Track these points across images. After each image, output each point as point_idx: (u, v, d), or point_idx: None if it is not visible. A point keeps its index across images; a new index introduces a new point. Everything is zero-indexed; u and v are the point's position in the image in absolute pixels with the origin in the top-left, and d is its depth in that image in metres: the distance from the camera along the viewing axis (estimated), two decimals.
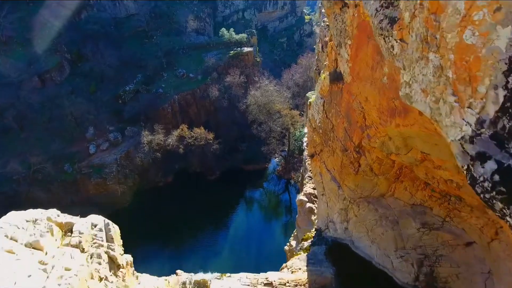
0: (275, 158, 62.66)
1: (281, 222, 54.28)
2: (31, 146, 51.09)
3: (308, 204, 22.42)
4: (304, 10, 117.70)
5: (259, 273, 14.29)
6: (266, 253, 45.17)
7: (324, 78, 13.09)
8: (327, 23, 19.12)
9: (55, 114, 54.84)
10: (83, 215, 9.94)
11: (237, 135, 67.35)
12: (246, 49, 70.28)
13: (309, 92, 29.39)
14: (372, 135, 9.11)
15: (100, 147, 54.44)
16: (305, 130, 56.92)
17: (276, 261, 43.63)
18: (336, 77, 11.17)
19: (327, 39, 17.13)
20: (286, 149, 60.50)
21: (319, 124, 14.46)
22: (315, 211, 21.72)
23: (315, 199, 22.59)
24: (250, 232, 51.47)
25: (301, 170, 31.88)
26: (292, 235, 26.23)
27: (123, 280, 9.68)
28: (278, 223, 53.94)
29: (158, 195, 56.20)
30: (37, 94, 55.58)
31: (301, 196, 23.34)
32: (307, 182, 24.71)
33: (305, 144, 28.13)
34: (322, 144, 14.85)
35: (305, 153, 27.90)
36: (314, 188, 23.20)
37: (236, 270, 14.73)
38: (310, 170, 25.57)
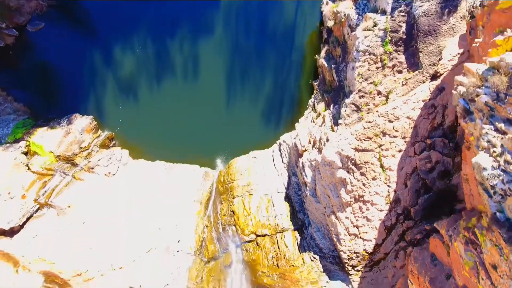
0: None
1: None
2: None
3: (341, 173, 14.82)
4: None
5: None
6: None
7: None
8: None
9: None
10: None
11: None
12: None
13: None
14: None
15: None
16: None
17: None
18: None
19: None
20: None
21: None
22: (349, 188, 14.92)
23: (352, 167, 14.65)
24: None
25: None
26: None
27: None
28: None
29: None
30: None
31: (331, 153, 14.71)
32: (348, 115, 14.56)
33: None
34: None
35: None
36: (358, 149, 14.33)
37: None
38: (354, 104, 14.50)
